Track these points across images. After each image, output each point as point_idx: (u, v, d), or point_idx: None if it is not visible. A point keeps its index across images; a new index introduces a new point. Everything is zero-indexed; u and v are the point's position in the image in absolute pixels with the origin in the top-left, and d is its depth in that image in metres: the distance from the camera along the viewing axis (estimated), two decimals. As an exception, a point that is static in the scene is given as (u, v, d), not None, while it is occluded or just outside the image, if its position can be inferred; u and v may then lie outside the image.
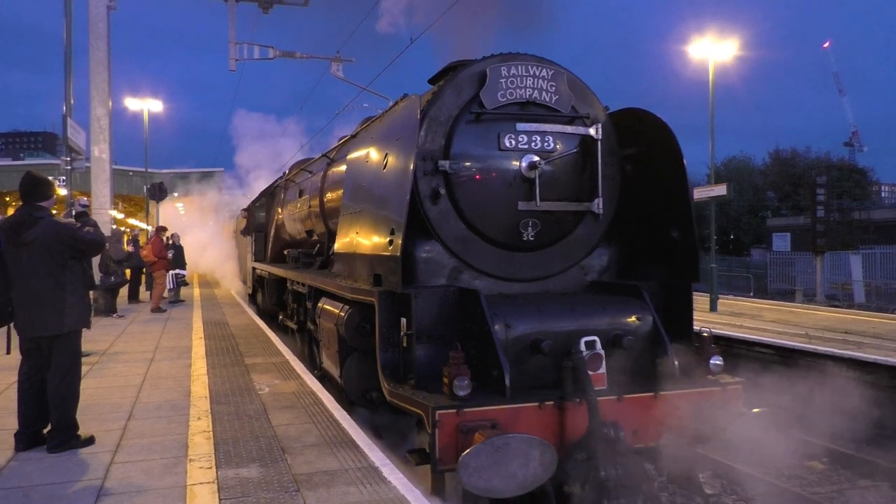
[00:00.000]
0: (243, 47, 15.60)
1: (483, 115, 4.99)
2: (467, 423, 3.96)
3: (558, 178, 5.14)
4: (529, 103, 5.12)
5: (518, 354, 4.44)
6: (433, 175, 4.92)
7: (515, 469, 3.65)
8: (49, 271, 4.53)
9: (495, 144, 5.00)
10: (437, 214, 4.96)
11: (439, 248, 5.01)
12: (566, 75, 5.24)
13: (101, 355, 8.40)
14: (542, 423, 4.11)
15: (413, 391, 4.34)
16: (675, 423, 4.38)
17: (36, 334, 4.59)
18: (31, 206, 4.67)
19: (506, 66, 5.06)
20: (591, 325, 4.56)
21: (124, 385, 6.65)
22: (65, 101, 11.57)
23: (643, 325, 4.77)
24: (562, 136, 5.17)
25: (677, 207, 5.16)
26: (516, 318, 4.52)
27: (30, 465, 4.32)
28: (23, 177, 4.74)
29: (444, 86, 5.11)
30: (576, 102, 5.27)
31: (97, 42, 14.34)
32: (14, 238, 4.54)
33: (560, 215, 5.18)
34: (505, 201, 5.00)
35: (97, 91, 14.44)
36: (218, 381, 6.76)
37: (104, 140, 14.42)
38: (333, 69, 16.64)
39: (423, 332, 4.56)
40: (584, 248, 5.40)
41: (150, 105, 28.68)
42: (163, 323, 12.02)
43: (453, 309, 4.67)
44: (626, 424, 4.25)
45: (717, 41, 15.99)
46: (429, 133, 4.94)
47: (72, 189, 11.50)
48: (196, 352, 8.65)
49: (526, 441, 3.70)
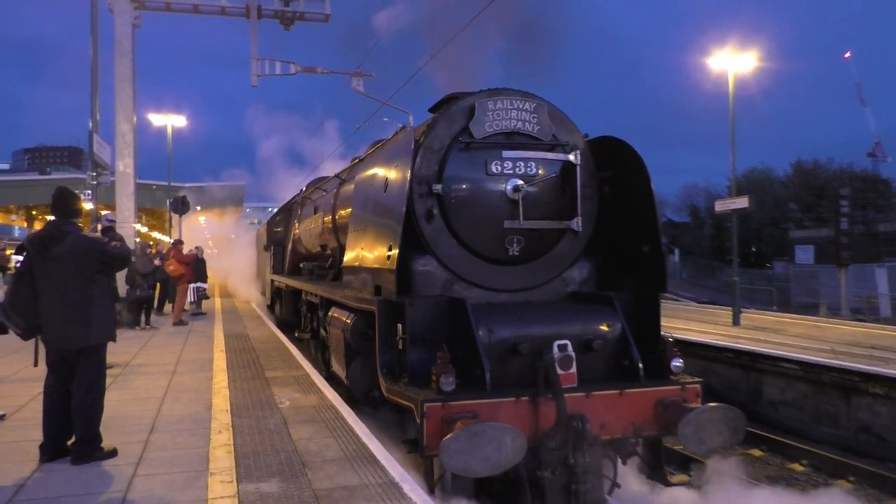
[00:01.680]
0: (265, 63, 16.09)
1: (472, 144, 5.73)
2: (451, 414, 4.64)
3: (541, 199, 5.84)
4: (514, 133, 5.84)
5: (499, 356, 5.12)
6: (428, 197, 5.65)
7: (490, 453, 4.32)
8: (77, 285, 4.67)
9: (483, 170, 5.73)
10: (431, 232, 5.69)
11: (434, 262, 5.73)
12: (547, 107, 5.95)
13: (125, 367, 8.65)
14: (517, 416, 4.77)
15: (406, 387, 5.04)
16: (639, 417, 5.03)
17: (63, 347, 4.70)
18: (61, 221, 4.82)
19: (492, 100, 5.79)
20: (564, 331, 5.23)
21: (147, 397, 6.82)
22: (91, 117, 11.92)
23: (612, 331, 5.44)
24: (543, 161, 5.87)
25: (647, 225, 5.83)
26: (498, 323, 5.22)
27: (54, 477, 4.43)
28: (56, 191, 4.93)
29: (438, 118, 5.86)
30: (556, 131, 5.98)
31: (122, 59, 14.78)
32: (43, 252, 4.68)
33: (542, 232, 5.88)
34: (492, 220, 5.71)
35: (122, 107, 14.83)
36: (239, 394, 6.90)
37: (129, 155, 14.88)
38: (354, 84, 17.10)
39: (417, 336, 5.26)
40: (565, 262, 6.07)
41: (174, 120, 29.62)
42: (185, 335, 12.31)
43: (444, 316, 5.37)
44: (593, 418, 4.90)
45: (736, 53, 16.26)
46: (424, 160, 5.67)
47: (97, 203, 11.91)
48: (217, 364, 8.84)
49: (499, 429, 4.37)
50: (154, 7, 14.92)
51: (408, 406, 4.90)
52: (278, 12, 15.51)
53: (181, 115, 30.02)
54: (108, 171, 12.73)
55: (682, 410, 4.96)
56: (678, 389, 5.20)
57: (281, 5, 15.50)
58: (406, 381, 5.16)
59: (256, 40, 15.52)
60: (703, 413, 4.84)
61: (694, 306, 23.60)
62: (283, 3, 15.51)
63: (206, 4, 15.17)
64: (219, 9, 15.29)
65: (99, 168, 11.88)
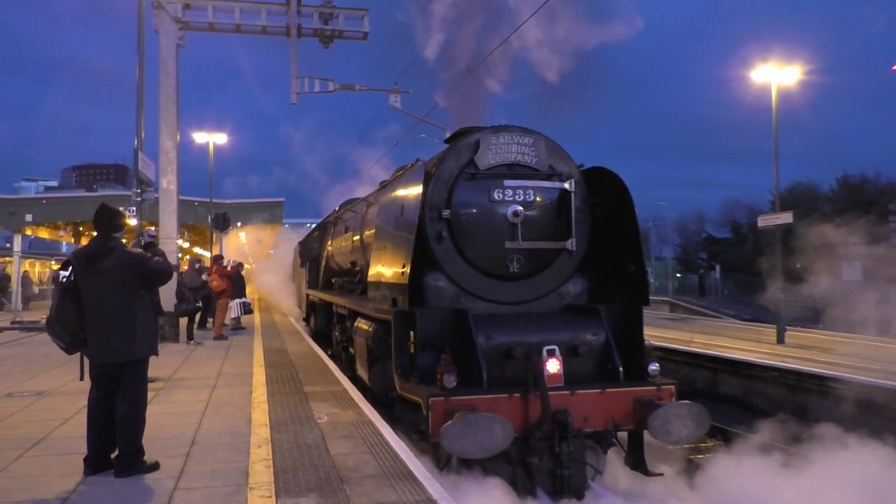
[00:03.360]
0: (304, 81, 16.47)
1: (477, 175, 6.74)
2: (452, 407, 5.61)
3: (538, 222, 6.82)
4: (515, 164, 6.84)
5: (497, 358, 6.09)
6: (438, 221, 6.68)
7: (482, 438, 5.28)
8: (121, 300, 4.86)
9: (487, 197, 6.73)
10: (441, 252, 6.71)
11: (443, 278, 6.74)
12: (545, 141, 6.94)
13: (167, 381, 8.97)
14: (510, 410, 5.72)
15: (416, 386, 6.03)
16: (618, 413, 5.95)
17: (107, 361, 4.88)
18: (105, 237, 4.98)
19: (495, 136, 6.81)
20: (553, 338, 6.19)
21: (188, 411, 7.06)
22: (136, 135, 12.19)
23: (598, 338, 6.38)
24: (541, 189, 6.85)
25: (631, 245, 6.76)
26: (496, 331, 6.20)
27: (97, 489, 4.60)
28: (98, 208, 5.09)
29: (447, 151, 6.90)
30: (553, 162, 6.96)
31: (167, 79, 15.10)
32: (89, 268, 4.85)
33: (540, 252, 6.84)
34: (494, 241, 6.70)
35: (166, 125, 15.14)
36: (278, 409, 7.11)
37: (172, 172, 15.20)
38: (391, 101, 17.66)
39: (427, 342, 6.26)
40: (561, 278, 7.02)
41: (215, 138, 30.86)
42: (225, 350, 12.70)
43: (450, 324, 6.37)
44: (577, 413, 5.83)
45: (780, 66, 16.38)
46: (435, 189, 6.71)
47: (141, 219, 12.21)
48: (257, 379, 9.14)
49: (490, 418, 5.33)
50: (198, 28, 15.63)
51: (417, 401, 5.90)
52: (318, 30, 15.93)
53: (222, 132, 31.35)
54: (152, 188, 13.03)
55: (655, 408, 5.83)
56: (654, 389, 6.09)
57: (320, 24, 15.99)
58: (416, 380, 6.15)
59: (296, 59, 15.72)
60: (669, 409, 5.74)
61: (736, 324, 23.79)
62: (323, 22, 15.98)
63: (248, 24, 15.89)
64: (260, 28, 15.97)
65: (143, 185, 12.17)
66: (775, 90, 16.31)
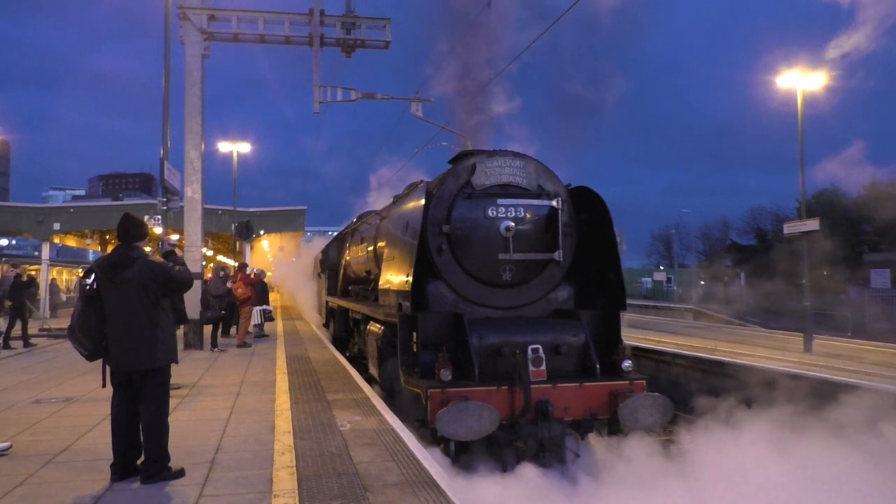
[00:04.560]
0: (327, 90, 16.91)
1: (473, 194, 7.82)
2: (448, 397, 6.66)
3: (528, 236, 7.86)
4: (508, 185, 7.90)
5: (488, 356, 7.14)
6: (439, 235, 7.75)
7: (472, 423, 6.33)
8: (143, 308, 5.04)
9: (482, 214, 7.80)
10: (442, 263, 7.77)
11: (444, 286, 7.80)
12: (534, 164, 8.01)
13: (191, 388, 9.24)
14: (498, 400, 6.76)
15: (418, 380, 7.10)
16: (595, 404, 6.98)
17: (130, 369, 5.05)
18: (128, 246, 5.16)
19: (490, 160, 7.89)
20: (538, 338, 7.23)
21: (212, 419, 7.28)
22: (162, 144, 12.50)
23: (577, 339, 7.42)
24: (531, 207, 7.89)
25: (611, 257, 7.82)
26: (488, 332, 7.26)
27: (123, 496, 4.78)
28: (121, 218, 5.28)
29: (447, 174, 7.97)
30: (542, 182, 8.01)
31: (192, 89, 15.57)
32: (112, 276, 5.02)
33: (529, 263, 7.87)
34: (489, 253, 7.76)
35: (191, 135, 15.58)
36: (301, 417, 7.34)
37: (196, 181, 15.64)
38: (413, 109, 18.15)
39: (427, 342, 7.32)
40: (550, 285, 8.05)
41: (239, 147, 32.02)
42: (248, 357, 13.12)
43: (448, 326, 7.43)
44: (559, 403, 6.86)
45: (806, 72, 16.66)
46: (436, 207, 7.78)
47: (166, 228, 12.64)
48: (280, 386, 9.40)
49: (478, 406, 6.38)
50: (223, 38, 16.25)
51: (417, 392, 6.97)
52: (340, 40, 16.35)
53: (246, 142, 32.53)
54: (177, 197, 13.36)
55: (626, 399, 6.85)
56: (627, 384, 7.10)
57: (343, 34, 16.41)
58: (419, 376, 7.22)
59: (318, 68, 16.30)
60: (636, 399, 6.76)
61: (762, 331, 23.99)
62: (345, 32, 16.40)
63: (272, 34, 16.48)
64: (283, 38, 16.53)
65: (169, 194, 12.53)
66: (801, 96, 16.66)
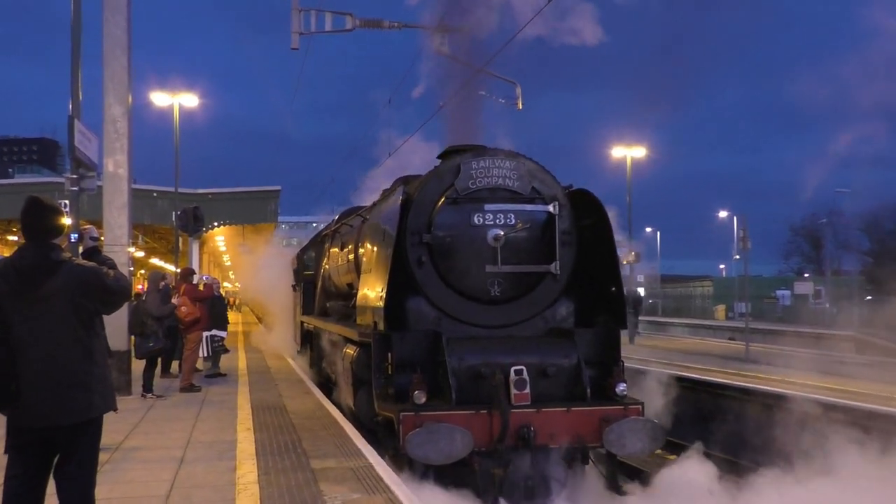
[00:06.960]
0: (310, 16, 14.17)
1: (458, 199, 8.47)
2: (422, 421, 7.53)
3: (520, 246, 8.75)
4: (496, 188, 8.24)
5: (469, 378, 8.08)
6: (419, 245, 8.62)
7: (443, 446, 7.39)
8: (75, 335, 4.24)
9: (468, 221, 8.75)
10: (422, 276, 8.71)
11: (424, 301, 8.74)
12: (527, 164, 8.82)
13: (113, 451, 8.12)
14: (476, 424, 7.68)
15: (392, 403, 7.80)
16: (584, 430, 7.00)
17: (54, 423, 4.21)
18: (45, 245, 4.30)
19: (476, 160, 8.60)
20: (524, 359, 8.22)
21: (144, 495, 6.52)
22: (71, 96, 10.73)
23: (568, 360, 8.20)
24: (523, 213, 8.46)
25: (611, 270, 8.35)
26: (469, 353, 8.32)
27: None
28: (27, 204, 4.35)
29: (429, 175, 8.87)
30: (537, 184, 8.82)
31: (113, 16, 12.58)
32: (27, 289, 4.17)
33: (521, 276, 8.87)
34: (475, 265, 8.72)
35: (113, 83, 12.54)
36: (274, 494, 6.47)
37: (121, 150, 12.51)
38: (437, 43, 13.94)
39: (404, 363, 8.38)
40: (545, 301, 8.97)
41: (183, 99, 26.73)
42: (197, 406, 11.67)
43: (427, 346, 8.46)
44: (543, 429, 7.76)
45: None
46: (415, 214, 8.63)
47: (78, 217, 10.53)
48: (243, 449, 8.37)
49: (451, 429, 7.46)
50: None
51: (390, 416, 7.24)
52: None
53: (192, 93, 27.08)
54: (93, 173, 11.32)
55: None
56: (620, 409, 7.41)
57: None
58: (393, 399, 7.93)
59: None
60: (624, 423, 7.71)
61: None
62: None
63: None
64: None
65: (81, 168, 10.59)
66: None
